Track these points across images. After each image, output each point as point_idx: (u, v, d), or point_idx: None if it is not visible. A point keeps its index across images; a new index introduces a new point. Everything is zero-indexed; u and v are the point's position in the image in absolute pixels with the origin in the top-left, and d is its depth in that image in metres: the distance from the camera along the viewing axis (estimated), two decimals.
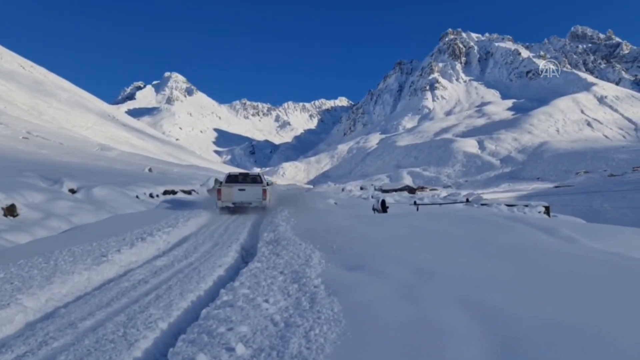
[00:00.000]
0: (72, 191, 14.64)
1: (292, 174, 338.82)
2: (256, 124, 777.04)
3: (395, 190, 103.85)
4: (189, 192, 23.97)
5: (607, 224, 22.22)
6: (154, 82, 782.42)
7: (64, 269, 5.97)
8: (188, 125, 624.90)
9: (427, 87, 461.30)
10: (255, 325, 3.91)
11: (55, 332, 4.07)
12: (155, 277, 6.15)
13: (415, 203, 33.66)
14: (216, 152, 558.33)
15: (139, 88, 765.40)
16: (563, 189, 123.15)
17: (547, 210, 27.97)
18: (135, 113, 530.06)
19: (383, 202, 22.24)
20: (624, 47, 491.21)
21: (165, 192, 21.25)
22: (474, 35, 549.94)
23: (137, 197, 17.80)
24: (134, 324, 4.18)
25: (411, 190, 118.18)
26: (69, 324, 4.29)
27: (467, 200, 37.48)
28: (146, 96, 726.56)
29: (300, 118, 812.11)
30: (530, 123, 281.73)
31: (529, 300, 4.34)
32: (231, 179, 16.14)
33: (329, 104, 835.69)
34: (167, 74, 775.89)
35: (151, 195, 19.54)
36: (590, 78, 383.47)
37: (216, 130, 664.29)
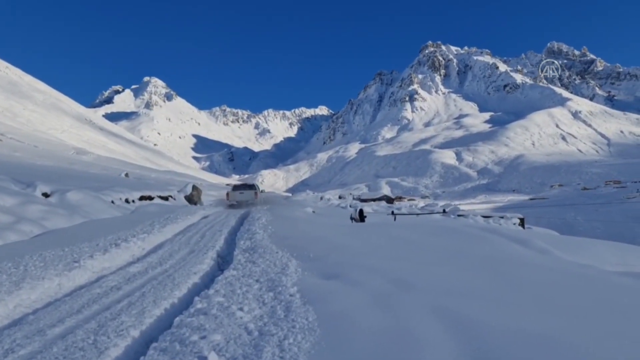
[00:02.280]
0: (46, 195, 14.38)
1: (271, 181, 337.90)
2: (236, 130, 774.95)
3: (374, 200, 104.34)
4: (166, 198, 23.70)
5: (580, 237, 22.70)
6: (133, 87, 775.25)
7: (34, 275, 5.82)
8: (167, 131, 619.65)
9: (407, 98, 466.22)
10: (228, 333, 3.86)
11: (23, 339, 3.96)
12: (128, 284, 6.02)
13: (393, 213, 33.83)
14: (195, 158, 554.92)
15: (118, 92, 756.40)
16: (538, 201, 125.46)
17: (522, 222, 28.42)
18: (113, 117, 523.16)
19: (361, 211, 22.32)
20: (598, 63, 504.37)
21: (142, 198, 20.99)
22: (453, 48, 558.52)
23: (112, 202, 17.56)
24: (105, 332, 4.09)
25: (389, 200, 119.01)
26: (38, 330, 4.18)
27: (444, 211, 37.81)
28: (124, 100, 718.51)
29: (280, 126, 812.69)
30: (506, 136, 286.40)
31: (503, 311, 4.39)
32: (235, 187, 24.69)
33: (309, 112, 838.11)
34: (146, 78, 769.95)
35: (127, 201, 19.30)
36: (565, 93, 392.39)
37: (195, 136, 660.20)
